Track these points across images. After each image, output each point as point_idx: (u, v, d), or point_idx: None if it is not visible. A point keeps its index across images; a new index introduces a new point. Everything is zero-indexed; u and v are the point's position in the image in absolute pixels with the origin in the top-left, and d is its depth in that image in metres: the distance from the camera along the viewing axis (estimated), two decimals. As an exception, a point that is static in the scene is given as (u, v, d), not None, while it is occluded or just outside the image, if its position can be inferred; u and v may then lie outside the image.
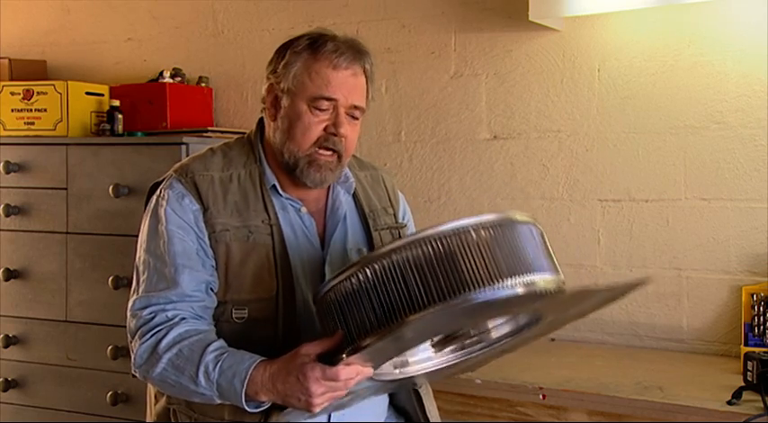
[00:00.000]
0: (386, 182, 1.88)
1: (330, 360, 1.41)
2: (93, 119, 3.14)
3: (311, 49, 1.64)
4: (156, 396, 1.71)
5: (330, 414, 1.63)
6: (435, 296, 1.30)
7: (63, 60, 3.61)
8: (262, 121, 1.75)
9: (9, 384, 3.09)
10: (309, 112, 1.63)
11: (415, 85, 2.97)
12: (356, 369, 1.42)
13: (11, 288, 3.09)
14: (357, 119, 1.67)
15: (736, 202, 2.52)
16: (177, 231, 1.61)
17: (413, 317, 1.30)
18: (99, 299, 2.92)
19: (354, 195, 1.78)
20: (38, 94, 3.10)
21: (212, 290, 1.62)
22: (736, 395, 2.00)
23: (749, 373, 2.06)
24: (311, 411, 1.45)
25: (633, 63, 2.64)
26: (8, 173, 3.07)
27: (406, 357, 1.56)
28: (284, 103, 1.65)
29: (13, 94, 3.14)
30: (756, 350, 2.19)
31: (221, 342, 1.55)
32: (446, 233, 1.33)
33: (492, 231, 1.35)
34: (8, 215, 3.06)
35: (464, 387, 2.21)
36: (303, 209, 1.70)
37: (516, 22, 2.76)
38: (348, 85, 1.63)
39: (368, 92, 1.69)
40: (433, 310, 1.29)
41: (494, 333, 1.58)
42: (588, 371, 2.30)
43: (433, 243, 1.33)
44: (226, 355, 1.51)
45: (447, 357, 1.58)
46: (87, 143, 3.00)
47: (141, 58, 3.47)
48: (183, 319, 1.57)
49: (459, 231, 1.33)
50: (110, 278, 2.86)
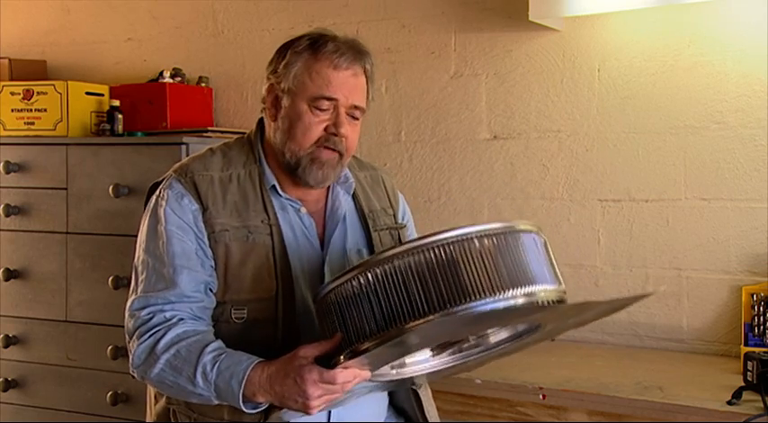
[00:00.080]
0: (385, 182, 1.88)
1: (328, 362, 1.41)
2: (93, 119, 3.14)
3: (312, 50, 1.64)
4: (156, 396, 1.71)
5: (330, 413, 1.63)
6: (436, 304, 1.30)
7: (63, 60, 3.61)
8: (262, 121, 1.75)
9: (9, 384, 3.09)
10: (310, 112, 1.63)
11: (415, 85, 2.97)
12: (353, 372, 1.42)
13: (11, 288, 3.09)
14: (357, 119, 1.67)
15: (736, 202, 2.52)
16: (176, 231, 1.61)
17: (412, 324, 1.30)
18: (99, 299, 2.92)
19: (354, 196, 1.78)
20: (38, 94, 3.10)
21: (211, 290, 1.61)
22: (736, 395, 2.00)
23: (749, 373, 2.06)
24: (308, 413, 1.45)
25: (633, 63, 2.64)
26: (8, 173, 3.07)
27: (404, 359, 1.55)
28: (285, 103, 1.65)
29: (13, 94, 3.14)
30: (756, 350, 2.19)
31: (219, 343, 1.55)
32: (449, 240, 1.33)
33: (495, 240, 1.35)
34: (8, 215, 3.06)
35: (464, 387, 2.21)
36: (303, 209, 1.70)
37: (516, 22, 2.76)
38: (349, 85, 1.63)
39: (368, 92, 1.69)
40: (432, 318, 1.29)
41: (492, 338, 1.57)
42: (588, 371, 2.30)
43: (436, 250, 1.32)
44: (224, 355, 1.51)
45: (445, 360, 1.58)
46: (87, 143, 3.00)
47: (141, 58, 3.47)
48: (182, 319, 1.57)
49: (463, 239, 1.33)
50: (110, 278, 2.86)
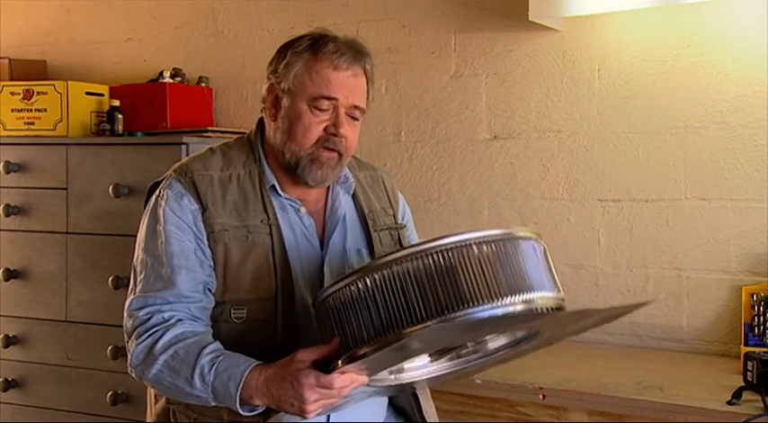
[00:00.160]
0: (385, 182, 1.88)
1: (326, 367, 1.41)
2: (93, 119, 3.14)
3: (312, 50, 1.64)
4: (156, 396, 1.71)
5: (329, 414, 1.63)
6: (433, 310, 1.30)
7: (63, 60, 3.61)
8: (262, 121, 1.75)
9: (9, 384, 3.08)
10: (310, 112, 1.63)
11: (415, 85, 2.97)
12: (351, 377, 1.42)
13: (11, 288, 3.09)
14: (357, 119, 1.67)
15: (736, 202, 2.52)
16: (175, 231, 1.61)
17: (410, 330, 1.30)
18: (99, 299, 2.92)
19: (354, 196, 1.78)
20: (38, 94, 3.10)
21: (210, 290, 1.61)
22: (736, 395, 2.00)
23: (749, 373, 2.06)
24: (305, 417, 1.45)
25: (633, 63, 2.64)
26: (8, 173, 3.07)
27: (402, 364, 1.55)
28: (285, 103, 1.66)
29: (13, 94, 3.14)
30: (756, 350, 2.19)
31: (217, 344, 1.55)
32: (448, 247, 1.33)
33: (494, 247, 1.34)
34: (8, 215, 3.06)
35: (464, 387, 2.21)
36: (302, 209, 1.70)
37: (516, 22, 2.76)
38: (349, 85, 1.64)
39: (368, 93, 1.69)
40: (430, 324, 1.29)
41: (491, 344, 1.57)
42: (588, 371, 2.30)
43: (434, 256, 1.32)
44: (221, 357, 1.51)
45: (443, 365, 1.58)
46: (87, 143, 3.00)
47: (141, 58, 3.47)
48: (180, 320, 1.56)
49: (461, 245, 1.33)
50: (110, 278, 2.86)
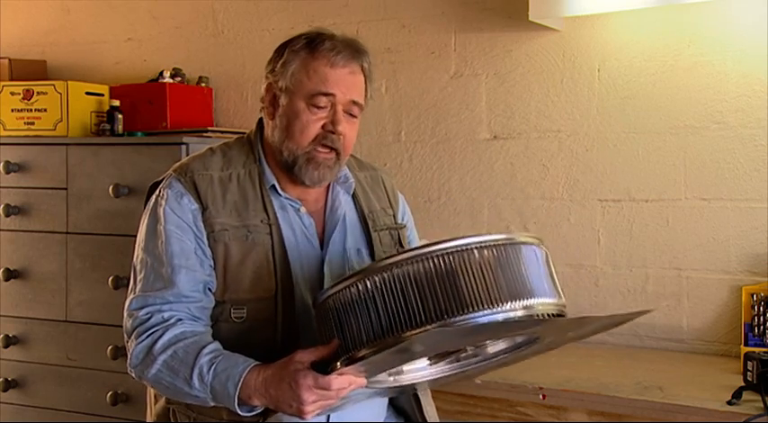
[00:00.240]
0: (385, 182, 1.88)
1: (325, 368, 1.41)
2: (93, 119, 3.14)
3: (309, 48, 1.64)
4: (156, 396, 1.71)
5: (329, 414, 1.63)
6: (433, 314, 1.30)
7: (63, 60, 3.61)
8: (262, 120, 1.75)
9: (9, 384, 3.08)
10: (307, 109, 1.63)
11: (415, 85, 2.97)
12: (349, 379, 1.42)
13: (11, 288, 3.09)
14: (355, 117, 1.67)
15: (736, 202, 2.52)
16: (175, 231, 1.61)
17: (409, 333, 1.30)
18: (99, 299, 2.92)
19: (354, 196, 1.78)
20: (38, 94, 3.10)
21: (210, 290, 1.61)
22: (736, 395, 1.99)
23: (749, 373, 2.06)
24: (302, 418, 1.45)
25: (633, 63, 2.64)
26: (8, 173, 3.06)
27: (401, 367, 1.55)
28: (282, 101, 1.66)
29: (13, 94, 3.14)
30: (756, 350, 2.19)
31: (216, 344, 1.55)
32: (449, 250, 1.33)
33: (495, 252, 1.34)
34: (8, 215, 3.06)
35: (464, 387, 2.21)
36: (302, 209, 1.70)
37: (516, 22, 2.76)
38: (346, 82, 1.64)
39: (367, 91, 1.69)
40: (429, 328, 1.29)
41: (490, 348, 1.57)
42: (588, 371, 2.30)
43: (435, 260, 1.32)
44: (220, 358, 1.51)
45: (442, 368, 1.58)
46: (87, 143, 2.99)
47: (141, 58, 3.47)
48: (180, 320, 1.56)
49: (462, 250, 1.33)
50: (110, 278, 2.86)
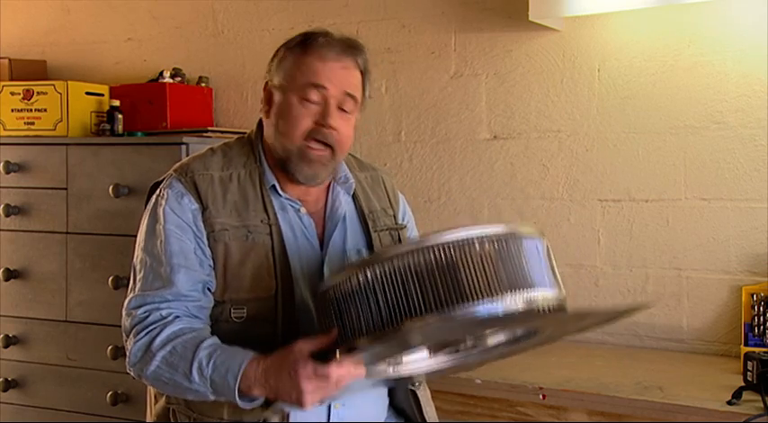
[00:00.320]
0: (386, 183, 1.87)
1: (324, 358, 1.41)
2: (93, 119, 3.14)
3: (302, 45, 1.65)
4: (156, 396, 1.70)
5: (329, 414, 1.63)
6: (433, 305, 1.30)
7: (63, 60, 3.61)
8: (262, 121, 1.75)
9: (9, 384, 3.09)
10: (299, 104, 1.63)
11: (415, 85, 2.97)
12: (348, 369, 1.42)
13: (11, 288, 3.09)
14: (349, 112, 1.66)
15: (736, 202, 2.52)
16: (175, 231, 1.61)
17: (408, 324, 1.30)
18: (99, 299, 2.92)
19: (354, 196, 1.78)
20: (38, 94, 3.10)
21: (209, 290, 1.61)
22: (736, 395, 2.00)
23: (749, 373, 2.06)
24: (302, 408, 1.45)
25: (633, 63, 2.64)
26: (8, 173, 3.07)
27: (401, 357, 1.55)
28: (276, 98, 1.67)
29: (13, 94, 3.14)
30: (756, 350, 2.19)
31: (215, 339, 1.55)
32: (450, 243, 1.33)
33: (496, 244, 1.34)
34: (8, 215, 3.06)
35: (464, 387, 2.21)
36: (302, 209, 1.70)
37: (516, 22, 2.76)
38: (337, 75, 1.63)
39: (364, 87, 1.69)
40: (429, 318, 1.29)
41: (490, 340, 1.57)
42: (588, 371, 2.30)
43: (436, 252, 1.32)
44: (219, 351, 1.51)
45: (442, 359, 1.58)
46: (87, 143, 3.00)
47: (141, 58, 3.47)
48: (177, 317, 1.56)
49: (463, 242, 1.33)
50: (110, 278, 2.86)
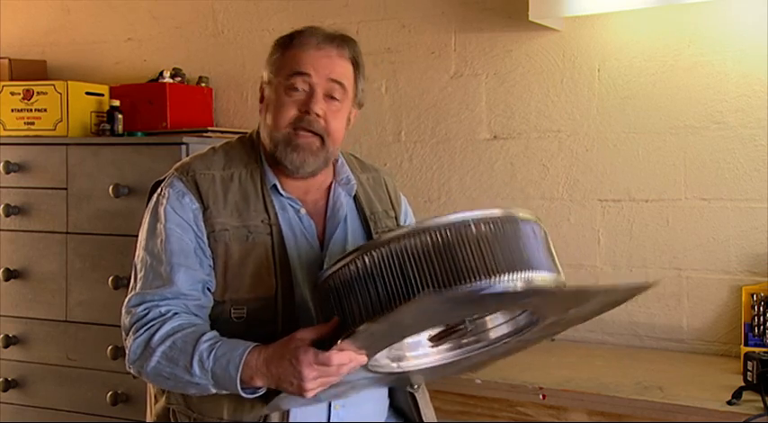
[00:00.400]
0: (387, 184, 1.88)
1: (326, 346, 1.41)
2: (93, 119, 3.14)
3: (290, 39, 1.67)
4: (156, 396, 1.71)
5: (329, 414, 1.64)
6: (429, 285, 1.31)
7: (63, 60, 3.61)
8: (262, 120, 1.76)
9: (9, 384, 3.08)
10: (284, 94, 1.64)
11: (415, 85, 2.97)
12: (349, 355, 1.41)
13: (11, 288, 3.09)
14: (339, 100, 1.66)
15: (736, 202, 2.52)
16: (176, 230, 1.61)
17: (405, 304, 1.31)
18: (99, 299, 2.92)
19: (355, 197, 1.78)
20: (38, 94, 3.10)
21: (209, 289, 1.62)
22: (736, 395, 2.00)
23: (749, 373, 2.06)
24: (304, 396, 1.45)
25: (633, 63, 2.64)
26: (8, 173, 3.06)
27: (404, 352, 1.55)
28: (266, 93, 1.69)
29: (13, 94, 3.14)
30: (756, 350, 2.19)
31: (215, 332, 1.55)
32: (446, 225, 1.34)
33: (492, 226, 1.35)
34: (8, 215, 3.06)
35: (464, 387, 2.21)
36: (302, 210, 1.70)
37: (516, 22, 2.76)
38: (321, 63, 1.64)
39: (356, 79, 1.70)
40: (425, 297, 1.29)
41: (492, 333, 1.57)
42: (588, 371, 2.30)
43: (432, 234, 1.33)
44: (220, 343, 1.51)
45: (444, 355, 1.58)
46: (87, 143, 3.00)
47: (141, 58, 3.47)
48: (176, 314, 1.57)
49: (460, 224, 1.34)
50: (110, 278, 2.86)
